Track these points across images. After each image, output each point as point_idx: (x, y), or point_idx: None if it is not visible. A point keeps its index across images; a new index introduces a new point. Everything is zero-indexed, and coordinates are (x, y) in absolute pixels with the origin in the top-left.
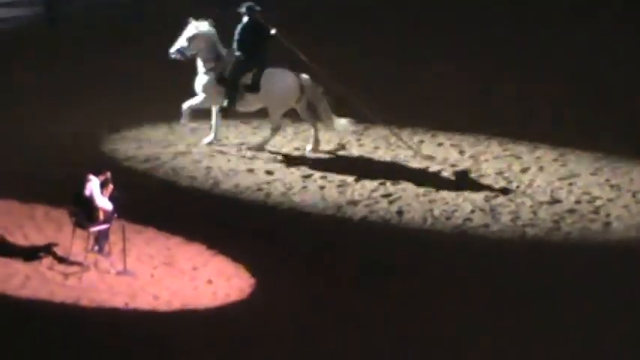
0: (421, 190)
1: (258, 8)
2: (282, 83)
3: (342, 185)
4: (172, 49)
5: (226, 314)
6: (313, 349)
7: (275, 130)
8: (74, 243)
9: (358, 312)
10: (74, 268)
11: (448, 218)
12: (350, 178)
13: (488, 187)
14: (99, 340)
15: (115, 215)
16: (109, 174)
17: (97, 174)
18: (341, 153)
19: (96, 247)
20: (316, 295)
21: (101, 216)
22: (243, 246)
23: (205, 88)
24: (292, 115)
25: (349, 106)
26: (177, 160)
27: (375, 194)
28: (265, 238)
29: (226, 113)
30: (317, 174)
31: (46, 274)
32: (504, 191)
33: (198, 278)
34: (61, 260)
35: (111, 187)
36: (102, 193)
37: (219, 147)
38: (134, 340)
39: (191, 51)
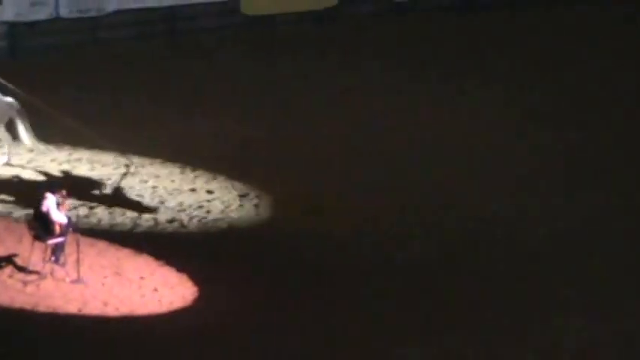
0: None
1: None
2: None
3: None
4: None
5: (170, 320)
6: (251, 351)
7: None
8: (33, 254)
9: (294, 314)
10: (33, 277)
11: None
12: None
13: None
14: (54, 342)
15: (70, 229)
16: (64, 192)
17: (54, 192)
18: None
19: (52, 258)
20: (254, 301)
21: (57, 229)
22: (186, 258)
23: None
24: None
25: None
26: None
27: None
28: (206, 250)
29: None
30: (252, 193)
31: (7, 281)
32: None
33: (145, 287)
34: (21, 269)
35: (67, 203)
36: (58, 209)
37: None
38: (85, 343)
39: None
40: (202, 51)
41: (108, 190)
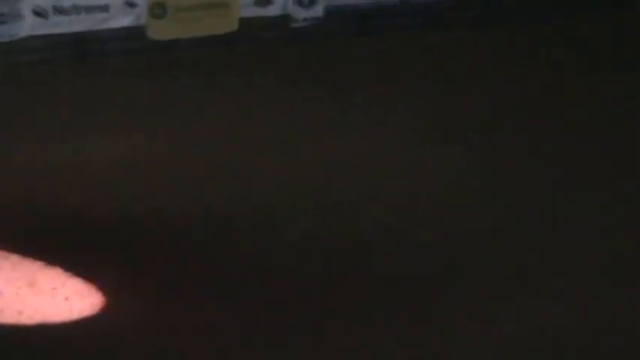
0: None
1: None
2: None
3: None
4: None
5: (80, 326)
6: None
7: None
8: None
9: (209, 323)
10: None
11: None
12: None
13: None
14: None
15: None
16: None
17: None
18: None
19: None
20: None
21: None
22: (97, 268)
23: None
24: None
25: None
26: None
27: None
28: (119, 259)
29: None
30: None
31: None
32: None
33: (57, 296)
34: None
35: None
36: None
37: None
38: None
39: None
40: (107, 73)
41: None
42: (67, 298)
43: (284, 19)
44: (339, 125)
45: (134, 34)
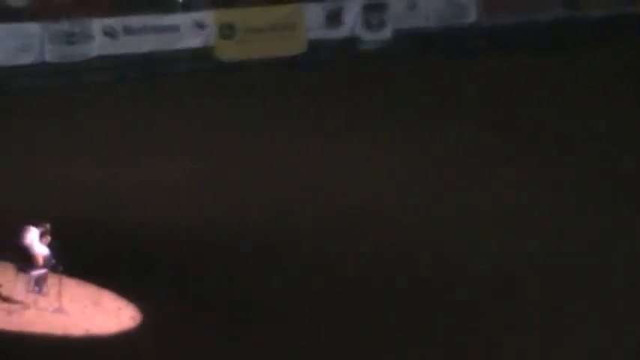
0: None
1: None
2: None
3: None
4: None
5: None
6: None
7: None
8: (17, 285)
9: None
10: (17, 306)
11: None
12: None
13: None
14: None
15: (53, 261)
16: (47, 225)
17: (36, 225)
18: None
19: (36, 288)
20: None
21: (40, 261)
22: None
23: None
24: None
25: None
26: None
27: None
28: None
29: None
30: None
31: None
32: None
33: (122, 316)
34: (5, 299)
35: (48, 237)
36: (40, 241)
37: None
38: None
39: None
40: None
41: None
42: (132, 317)
43: (352, 41)
44: (407, 147)
45: (203, 54)
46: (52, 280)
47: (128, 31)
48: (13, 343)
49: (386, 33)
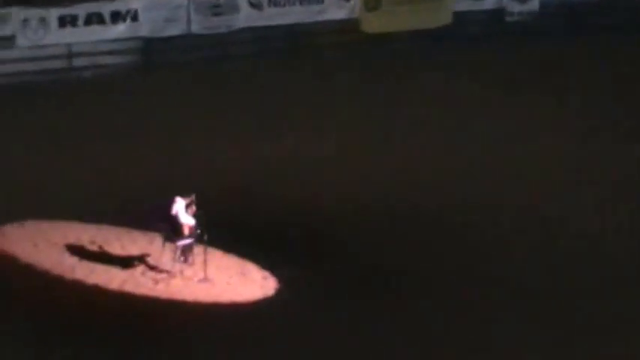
0: None
1: None
2: None
3: None
4: None
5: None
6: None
7: None
8: (163, 254)
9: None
10: (163, 276)
11: None
12: None
13: None
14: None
15: (198, 231)
16: (193, 197)
17: (183, 197)
18: None
19: (182, 258)
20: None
21: (186, 231)
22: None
23: None
24: None
25: None
26: None
27: None
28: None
29: None
30: None
31: (140, 279)
32: None
33: (267, 286)
34: (152, 268)
35: (194, 208)
36: (186, 212)
37: None
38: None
39: None
40: (321, 68)
41: None
42: (275, 288)
43: (498, 13)
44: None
45: (347, 27)
46: (198, 250)
47: (273, 2)
48: (159, 312)
49: (534, 4)
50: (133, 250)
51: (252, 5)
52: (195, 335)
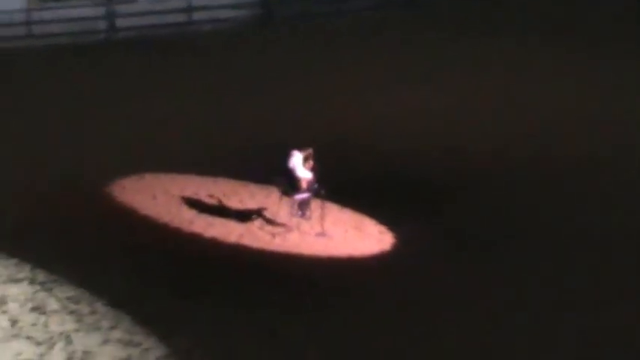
0: None
1: None
2: None
3: None
4: None
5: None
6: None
7: None
8: (281, 208)
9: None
10: (280, 229)
11: None
12: None
13: None
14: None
15: (316, 185)
16: (311, 150)
17: (300, 150)
18: None
19: (299, 212)
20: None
21: (303, 185)
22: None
23: None
24: None
25: None
26: None
27: None
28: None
29: None
30: None
31: (257, 233)
32: None
33: (384, 241)
34: (270, 222)
35: (312, 162)
36: (304, 166)
37: None
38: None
39: None
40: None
41: None
42: (392, 242)
43: None
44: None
45: None
46: (315, 205)
47: None
48: (277, 265)
49: None
50: (251, 203)
51: None
52: (311, 289)
